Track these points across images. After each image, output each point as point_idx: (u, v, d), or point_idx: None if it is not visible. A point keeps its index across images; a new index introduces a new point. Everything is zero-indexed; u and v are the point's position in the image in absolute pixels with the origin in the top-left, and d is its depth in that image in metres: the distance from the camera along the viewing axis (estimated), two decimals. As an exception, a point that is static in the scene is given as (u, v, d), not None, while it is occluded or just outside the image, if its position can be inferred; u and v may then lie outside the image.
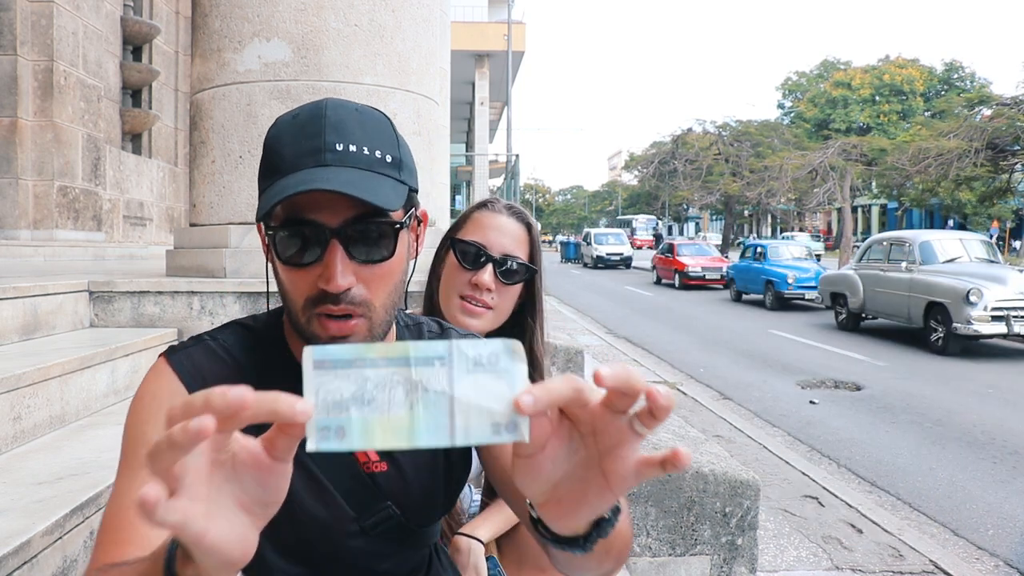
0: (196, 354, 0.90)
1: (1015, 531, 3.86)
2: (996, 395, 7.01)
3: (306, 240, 0.82)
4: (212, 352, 0.91)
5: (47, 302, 2.79)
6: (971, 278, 9.33)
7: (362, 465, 0.92)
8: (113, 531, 0.79)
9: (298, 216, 0.82)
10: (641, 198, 52.67)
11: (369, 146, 0.84)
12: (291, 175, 0.81)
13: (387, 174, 0.84)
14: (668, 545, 2.47)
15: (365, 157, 0.83)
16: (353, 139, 0.83)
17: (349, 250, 0.83)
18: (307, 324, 0.85)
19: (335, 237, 0.81)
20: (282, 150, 0.84)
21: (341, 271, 0.81)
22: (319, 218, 0.81)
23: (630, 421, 0.55)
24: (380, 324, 0.87)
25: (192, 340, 0.92)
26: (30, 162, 6.57)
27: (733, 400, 6.95)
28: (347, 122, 0.85)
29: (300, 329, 0.87)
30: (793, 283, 14.65)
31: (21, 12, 6.38)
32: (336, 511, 0.92)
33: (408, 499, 0.96)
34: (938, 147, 21.78)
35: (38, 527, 1.48)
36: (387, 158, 0.85)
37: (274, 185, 0.83)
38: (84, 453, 1.99)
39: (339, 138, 0.83)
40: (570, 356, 3.89)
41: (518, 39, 23.91)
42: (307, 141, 0.83)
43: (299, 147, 0.83)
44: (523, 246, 1.47)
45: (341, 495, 0.92)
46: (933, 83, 44.63)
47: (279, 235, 0.83)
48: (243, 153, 3.10)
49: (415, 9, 3.25)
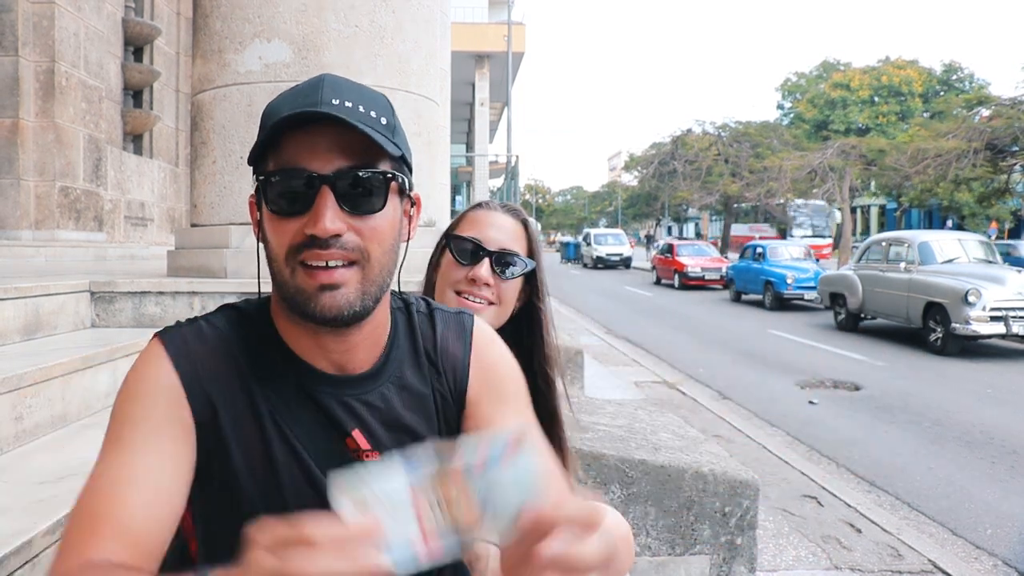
0: (187, 334, 0.89)
1: (1013, 530, 3.87)
2: (994, 395, 7.02)
3: (296, 189, 0.82)
4: (202, 332, 0.89)
5: (49, 302, 2.80)
6: (970, 278, 9.34)
7: (352, 452, 0.90)
8: (90, 517, 0.78)
9: (290, 164, 0.82)
10: (641, 199, 52.59)
11: (365, 106, 0.84)
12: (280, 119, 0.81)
13: (382, 132, 0.84)
14: (668, 545, 2.48)
15: (361, 114, 0.83)
16: (350, 97, 0.83)
17: (339, 200, 0.82)
18: (291, 277, 0.83)
19: (325, 183, 0.81)
20: (280, 109, 0.83)
21: (330, 216, 0.80)
22: (310, 166, 0.81)
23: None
24: (374, 281, 0.85)
25: (186, 321, 0.92)
26: (32, 163, 6.58)
27: (732, 400, 6.96)
28: (343, 85, 0.86)
29: (284, 291, 0.85)
30: (792, 283, 14.65)
31: (23, 13, 6.39)
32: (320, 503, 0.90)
33: None
34: (937, 148, 21.78)
35: (39, 527, 1.49)
36: (382, 120, 0.85)
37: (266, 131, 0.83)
38: (85, 453, 2.00)
39: (335, 95, 0.83)
40: (570, 356, 3.90)
41: (518, 40, 23.92)
42: (304, 98, 0.83)
43: (294, 103, 0.82)
44: (520, 241, 1.46)
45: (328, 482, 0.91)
46: (932, 84, 44.61)
47: (271, 180, 0.83)
48: (244, 154, 3.11)
49: (416, 10, 3.26)
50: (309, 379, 0.89)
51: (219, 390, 0.86)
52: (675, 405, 6.47)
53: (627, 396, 6.68)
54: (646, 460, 2.47)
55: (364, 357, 0.92)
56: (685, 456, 2.58)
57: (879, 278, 10.88)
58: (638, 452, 2.53)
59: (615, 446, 2.56)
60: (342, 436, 0.89)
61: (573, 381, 3.89)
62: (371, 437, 0.90)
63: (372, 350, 0.92)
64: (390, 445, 0.91)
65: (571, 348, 3.98)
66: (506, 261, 1.41)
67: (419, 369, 0.97)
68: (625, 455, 2.47)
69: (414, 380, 0.95)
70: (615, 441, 2.63)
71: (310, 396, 0.89)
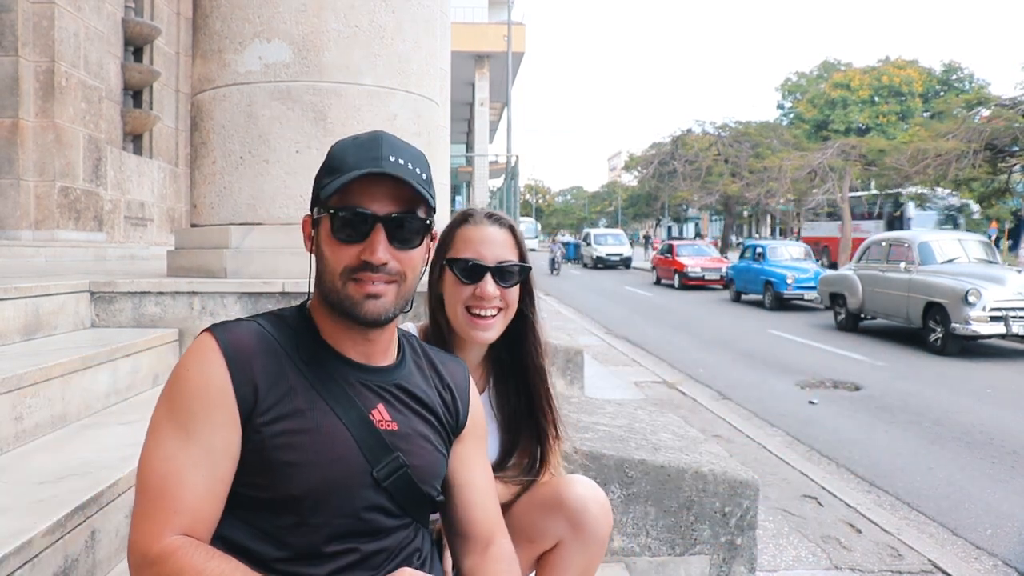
0: (239, 330, 1.09)
1: (1013, 530, 3.87)
2: (994, 395, 7.02)
3: (357, 222, 1.07)
4: (254, 330, 1.09)
5: (48, 302, 2.79)
6: (970, 278, 9.34)
7: (376, 423, 1.11)
8: (161, 498, 0.98)
9: (353, 203, 1.06)
10: (641, 199, 52.60)
11: (412, 163, 1.10)
12: (355, 171, 1.06)
13: (423, 187, 1.09)
14: (667, 545, 2.48)
15: (411, 171, 1.08)
16: (403, 157, 1.09)
17: (389, 236, 1.07)
18: (342, 287, 1.08)
19: (380, 223, 1.07)
20: (346, 157, 1.09)
21: (382, 249, 1.06)
22: (370, 207, 1.06)
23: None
24: (405, 296, 1.12)
25: (234, 320, 1.12)
26: (31, 163, 6.58)
27: (732, 400, 6.96)
28: (398, 145, 1.11)
29: (334, 297, 1.09)
30: (792, 283, 14.65)
31: (23, 13, 6.39)
32: (355, 460, 1.08)
33: (413, 457, 1.14)
34: (936, 148, 21.77)
35: (39, 527, 1.49)
36: (423, 176, 1.11)
37: (339, 177, 1.06)
38: (85, 453, 2.00)
39: (393, 152, 1.08)
40: (570, 356, 3.89)
41: (518, 40, 23.93)
42: (367, 151, 1.08)
43: (360, 155, 1.08)
44: (512, 249, 1.54)
45: (359, 445, 1.09)
46: (932, 84, 44.62)
47: (337, 215, 1.07)
48: (244, 154, 3.11)
49: (415, 10, 3.26)
50: (344, 365, 1.13)
51: (264, 375, 1.06)
52: (675, 405, 6.47)
53: (627, 396, 6.68)
54: (646, 460, 2.47)
55: (385, 353, 1.19)
56: (685, 456, 2.58)
57: (879, 278, 10.88)
58: (638, 452, 2.53)
59: (615, 446, 2.56)
60: (368, 409, 1.12)
61: (573, 381, 3.89)
62: (391, 411, 1.14)
63: (390, 349, 1.20)
64: (404, 419, 1.15)
65: (571, 348, 3.98)
66: (505, 271, 1.51)
67: (423, 373, 1.24)
68: (625, 455, 2.47)
69: (420, 380, 1.23)
70: (615, 441, 2.63)
71: (344, 378, 1.12)
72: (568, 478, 1.55)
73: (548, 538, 1.50)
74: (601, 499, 1.51)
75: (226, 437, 1.02)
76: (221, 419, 1.02)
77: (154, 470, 1.00)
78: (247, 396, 1.03)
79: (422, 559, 1.18)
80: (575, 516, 1.47)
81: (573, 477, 1.56)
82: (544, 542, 1.51)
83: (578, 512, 1.47)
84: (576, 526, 1.47)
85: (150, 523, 0.98)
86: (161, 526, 0.97)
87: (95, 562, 1.72)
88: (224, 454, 1.02)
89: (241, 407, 1.03)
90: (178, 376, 1.05)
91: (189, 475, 0.99)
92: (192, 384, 1.03)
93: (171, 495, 0.98)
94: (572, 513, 1.47)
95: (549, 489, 1.52)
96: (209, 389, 1.02)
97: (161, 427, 1.03)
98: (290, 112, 3.05)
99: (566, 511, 1.47)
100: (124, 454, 1.97)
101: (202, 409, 1.02)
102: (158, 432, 1.03)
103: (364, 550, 1.08)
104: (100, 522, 1.74)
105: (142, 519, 0.99)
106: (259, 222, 3.11)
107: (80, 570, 1.65)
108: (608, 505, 1.52)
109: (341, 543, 1.07)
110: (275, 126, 3.06)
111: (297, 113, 3.05)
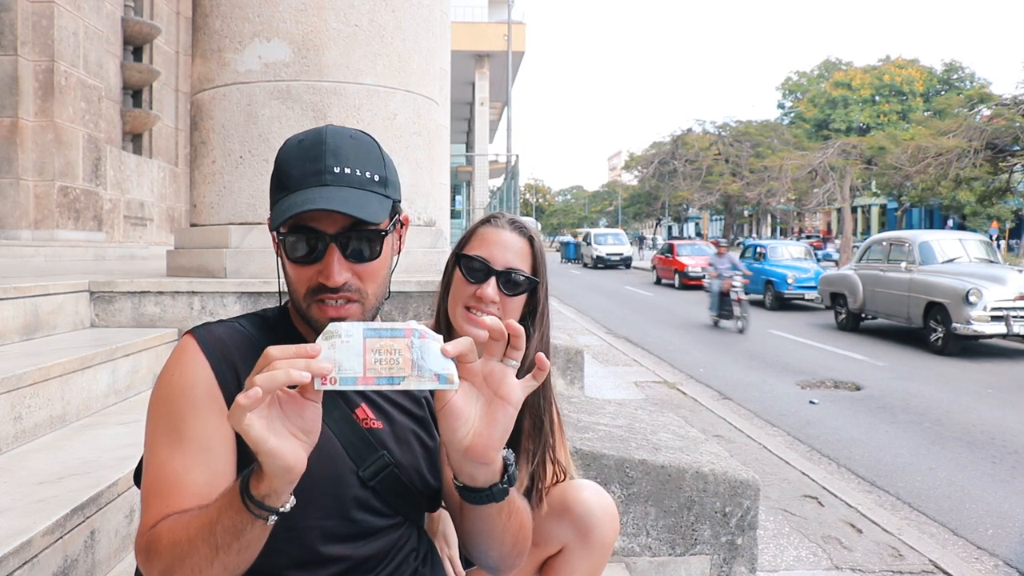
0: (219, 330, 1.09)
1: (1014, 531, 3.87)
2: (995, 395, 7.01)
3: (309, 243, 1.03)
4: (233, 329, 1.10)
5: (48, 302, 2.79)
6: (970, 278, 9.34)
7: (361, 421, 1.10)
8: (165, 493, 0.97)
9: (303, 224, 1.01)
10: (641, 198, 52.60)
11: (361, 168, 1.04)
12: (298, 192, 1.01)
13: (375, 191, 1.04)
14: (668, 545, 2.48)
15: (358, 178, 1.03)
16: (348, 162, 1.03)
17: (344, 252, 1.03)
18: (308, 309, 1.06)
19: (333, 242, 1.02)
20: (290, 170, 1.04)
21: (338, 269, 1.02)
22: (320, 226, 1.01)
23: (502, 360, 0.91)
24: (371, 308, 1.08)
25: (215, 321, 1.12)
26: (31, 162, 6.57)
27: (733, 400, 6.96)
28: (343, 147, 1.04)
29: (302, 313, 1.08)
30: (793, 283, 14.65)
31: (22, 12, 6.38)
32: (340, 463, 1.07)
33: (400, 454, 1.12)
34: (937, 146, 21.77)
35: (39, 527, 1.49)
36: (375, 178, 1.05)
37: (284, 200, 1.03)
38: (85, 453, 2.00)
39: (336, 162, 1.02)
40: (570, 356, 3.89)
41: (518, 39, 23.91)
42: (310, 164, 1.02)
43: (304, 168, 1.03)
44: (526, 259, 1.51)
45: (343, 445, 1.08)
46: (933, 83, 44.61)
47: (288, 239, 1.04)
48: (243, 153, 3.10)
49: (415, 9, 3.26)
50: None
51: (247, 374, 1.03)
52: (675, 405, 6.47)
53: (627, 396, 6.68)
54: (646, 460, 2.47)
55: None
56: (685, 456, 2.57)
57: (880, 278, 10.88)
58: (638, 452, 2.53)
59: (615, 446, 2.56)
60: (351, 408, 1.11)
61: (573, 381, 3.88)
62: (375, 409, 1.13)
63: None
64: (389, 417, 1.14)
65: (571, 348, 3.97)
66: (511, 279, 1.48)
67: None
68: (625, 455, 2.47)
69: None
70: (615, 441, 2.63)
71: None
72: (575, 483, 1.53)
73: (553, 543, 1.49)
74: (608, 505, 1.49)
75: (219, 431, 1.01)
76: (211, 414, 1.01)
77: (153, 479, 0.99)
78: (232, 392, 1.02)
79: (420, 558, 1.17)
80: (581, 522, 1.46)
81: (581, 482, 1.54)
82: (549, 547, 1.50)
83: (585, 518, 1.46)
84: (582, 532, 1.46)
85: (150, 521, 0.97)
86: (157, 519, 0.96)
87: (94, 562, 1.72)
88: (221, 448, 1.01)
89: (228, 402, 1.02)
90: (163, 381, 1.05)
91: (187, 475, 0.98)
92: (177, 386, 1.03)
93: (170, 496, 0.97)
94: (578, 519, 1.46)
95: (556, 493, 1.50)
96: (195, 388, 1.02)
97: (152, 434, 1.02)
98: (290, 111, 3.05)
99: (572, 517, 1.46)
100: (123, 454, 1.97)
101: (190, 409, 1.01)
102: (151, 440, 1.02)
103: (356, 555, 1.07)
104: (99, 522, 1.73)
105: (143, 519, 0.98)
106: (259, 222, 3.11)
107: (79, 570, 1.65)
108: (615, 511, 1.51)
109: (333, 546, 1.06)
110: (275, 125, 3.05)
111: (297, 112, 3.04)
